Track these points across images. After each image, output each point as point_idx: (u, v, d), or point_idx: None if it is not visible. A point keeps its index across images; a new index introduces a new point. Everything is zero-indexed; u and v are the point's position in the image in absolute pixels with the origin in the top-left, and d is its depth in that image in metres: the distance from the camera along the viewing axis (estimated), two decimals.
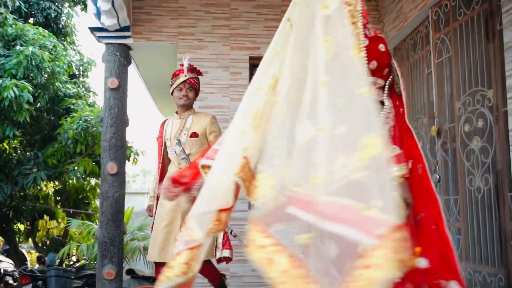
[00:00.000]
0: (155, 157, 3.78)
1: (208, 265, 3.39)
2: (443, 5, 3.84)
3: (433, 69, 3.98)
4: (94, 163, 7.31)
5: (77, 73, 8.67)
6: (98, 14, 4.68)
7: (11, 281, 9.14)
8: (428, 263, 1.77)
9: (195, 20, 5.05)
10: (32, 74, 6.39)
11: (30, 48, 6.41)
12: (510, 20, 2.91)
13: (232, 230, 3.55)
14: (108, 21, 4.69)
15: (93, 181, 9.35)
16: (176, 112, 3.66)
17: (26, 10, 8.08)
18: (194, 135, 3.49)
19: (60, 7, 8.52)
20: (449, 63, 3.76)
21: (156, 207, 3.55)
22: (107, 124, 4.70)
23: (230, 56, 5.02)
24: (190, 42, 5.02)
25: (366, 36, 1.88)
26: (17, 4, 7.76)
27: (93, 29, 4.94)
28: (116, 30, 4.84)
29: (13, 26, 7.11)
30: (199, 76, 3.70)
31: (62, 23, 8.50)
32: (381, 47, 1.95)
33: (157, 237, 3.41)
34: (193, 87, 3.59)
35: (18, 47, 6.65)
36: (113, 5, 4.47)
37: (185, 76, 3.55)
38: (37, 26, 7.71)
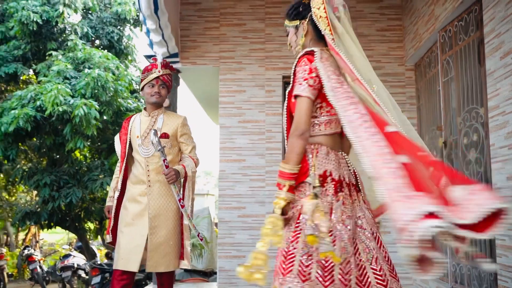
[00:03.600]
0: (119, 155, 3.42)
1: (169, 277, 3.23)
2: (447, 30, 4.28)
3: (441, 87, 4.42)
4: None
5: (137, 88, 9.63)
6: (151, 44, 5.48)
7: (83, 274, 10.23)
8: None
9: (234, 45, 5.72)
10: (98, 93, 7.34)
11: (97, 71, 7.36)
12: (490, 50, 3.34)
13: (199, 233, 3.35)
14: (159, 50, 5.47)
15: None
16: (145, 109, 3.38)
17: (92, 35, 9.14)
18: (164, 136, 3.22)
19: (122, 30, 9.54)
20: (453, 82, 4.20)
21: (113, 208, 3.30)
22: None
23: (265, 76, 5.64)
24: (230, 64, 5.69)
25: None
26: (85, 30, 8.82)
27: (147, 56, 5.76)
28: (167, 57, 5.59)
29: (82, 51, 8.13)
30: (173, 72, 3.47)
31: (124, 44, 9.51)
32: None
33: (120, 243, 3.15)
34: (166, 84, 3.33)
35: (86, 70, 7.63)
36: (163, 37, 5.24)
37: (159, 72, 3.28)
38: (102, 49, 8.73)
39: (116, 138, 3.48)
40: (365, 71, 2.00)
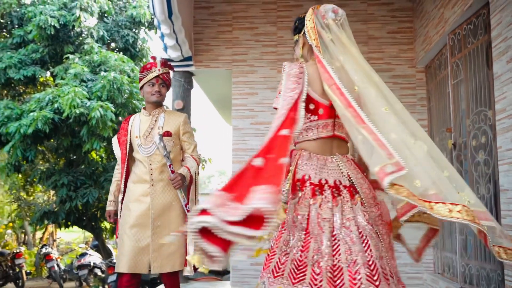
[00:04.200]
0: (119, 157, 3.35)
1: (175, 277, 3.19)
2: (456, 33, 4.33)
3: (450, 89, 4.48)
4: None
5: None
6: (165, 48, 5.61)
7: (99, 273, 10.43)
8: None
9: (246, 48, 5.82)
10: (114, 96, 7.49)
11: (112, 74, 7.51)
12: (499, 53, 3.39)
13: None
14: (173, 54, 5.60)
15: None
16: (144, 108, 3.35)
17: (108, 38, 9.31)
18: (167, 134, 3.20)
19: (137, 33, 9.70)
20: (462, 84, 4.26)
21: (119, 212, 3.26)
22: None
23: (277, 79, 5.71)
24: (242, 67, 5.80)
25: None
26: (101, 33, 9.00)
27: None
28: (180, 60, 5.74)
29: (98, 54, 8.30)
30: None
31: (138, 47, 9.66)
32: None
33: (124, 245, 3.08)
34: (166, 83, 3.31)
35: (102, 73, 7.79)
36: (177, 41, 5.37)
37: (159, 70, 3.24)
38: (117, 52, 8.89)
39: (115, 139, 3.41)
40: (359, 72, 2.06)
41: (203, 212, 1.58)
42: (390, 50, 5.64)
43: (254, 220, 1.54)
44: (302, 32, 2.25)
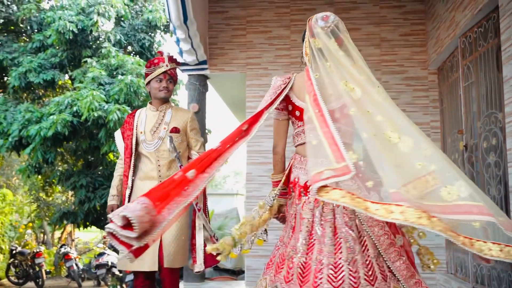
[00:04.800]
0: (122, 152, 3.29)
1: (176, 274, 3.13)
2: (467, 36, 4.38)
3: (462, 92, 4.52)
4: None
5: None
6: (180, 53, 5.74)
7: (117, 272, 10.60)
8: None
9: (260, 51, 5.92)
10: (131, 99, 7.67)
11: (129, 77, 7.70)
12: (508, 57, 3.44)
13: (215, 234, 3.26)
14: (188, 58, 5.73)
15: None
16: (150, 103, 3.31)
17: (125, 42, 9.51)
18: (175, 130, 3.18)
19: (153, 36, 9.89)
20: (473, 87, 4.30)
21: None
22: None
23: None
24: (256, 70, 5.90)
25: None
26: (118, 37, 9.20)
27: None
28: (196, 64, 5.86)
29: (115, 57, 8.50)
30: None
31: (154, 50, 9.85)
32: None
33: None
34: (173, 79, 3.27)
35: (119, 76, 7.99)
36: (192, 46, 5.50)
37: (166, 66, 3.20)
38: (133, 55, 9.06)
39: (117, 134, 3.36)
40: (350, 76, 2.10)
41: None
42: (402, 52, 5.70)
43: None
44: (303, 42, 2.37)
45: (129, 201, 3.13)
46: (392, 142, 1.90)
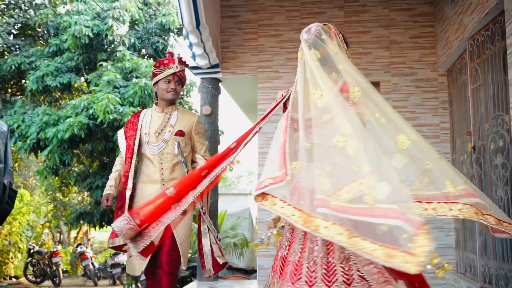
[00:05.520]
0: (123, 151, 3.24)
1: (174, 276, 3.10)
2: (475, 39, 4.44)
3: (470, 94, 4.58)
4: None
5: (181, 94, 10.09)
6: (193, 57, 5.87)
7: None
8: None
9: (271, 55, 6.03)
10: (145, 101, 7.83)
11: (143, 80, 7.86)
12: None
13: (217, 235, 3.26)
14: (201, 62, 5.85)
15: None
16: (156, 104, 3.27)
17: (139, 45, 9.69)
18: (180, 133, 3.14)
19: (166, 40, 10.06)
20: (481, 89, 4.36)
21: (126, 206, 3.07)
22: None
23: None
24: (268, 73, 6.01)
25: None
26: (132, 41, 9.38)
27: (190, 68, 6.14)
28: (208, 68, 5.98)
29: (130, 61, 8.67)
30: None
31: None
32: None
33: None
34: (182, 81, 3.23)
35: (134, 80, 8.15)
36: (204, 50, 5.62)
37: (176, 67, 3.17)
38: (147, 58, 9.22)
39: (120, 132, 3.30)
40: (320, 86, 2.12)
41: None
42: (412, 54, 5.76)
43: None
44: None
45: (130, 203, 3.09)
46: (338, 147, 1.92)
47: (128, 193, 3.09)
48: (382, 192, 1.71)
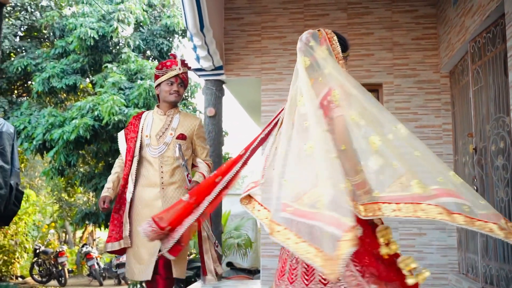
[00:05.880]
0: (123, 153, 3.20)
1: (171, 283, 3.07)
2: (477, 41, 4.47)
3: (472, 95, 4.61)
4: None
5: (185, 95, 10.16)
6: (197, 59, 5.92)
7: None
8: None
9: (275, 57, 6.07)
10: (150, 103, 7.90)
11: (148, 82, 7.94)
12: None
13: (216, 241, 3.20)
14: (205, 64, 5.91)
15: None
16: (158, 106, 3.24)
17: (143, 47, 9.77)
18: (181, 137, 3.11)
19: (171, 41, 10.14)
20: (482, 91, 4.39)
21: (126, 211, 3.07)
22: None
23: None
24: (271, 75, 6.04)
25: None
26: (137, 42, 9.46)
27: (194, 70, 6.20)
28: (212, 70, 6.03)
29: (134, 63, 8.75)
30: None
31: None
32: None
33: (140, 253, 2.99)
34: (184, 83, 3.21)
35: (139, 81, 8.23)
36: (208, 52, 5.67)
37: (179, 69, 3.14)
38: (152, 60, 9.30)
39: (120, 134, 3.26)
40: (306, 90, 2.14)
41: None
42: (415, 56, 5.79)
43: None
44: None
45: (130, 206, 3.08)
46: (307, 153, 1.94)
47: (129, 196, 3.09)
48: (323, 199, 1.77)
